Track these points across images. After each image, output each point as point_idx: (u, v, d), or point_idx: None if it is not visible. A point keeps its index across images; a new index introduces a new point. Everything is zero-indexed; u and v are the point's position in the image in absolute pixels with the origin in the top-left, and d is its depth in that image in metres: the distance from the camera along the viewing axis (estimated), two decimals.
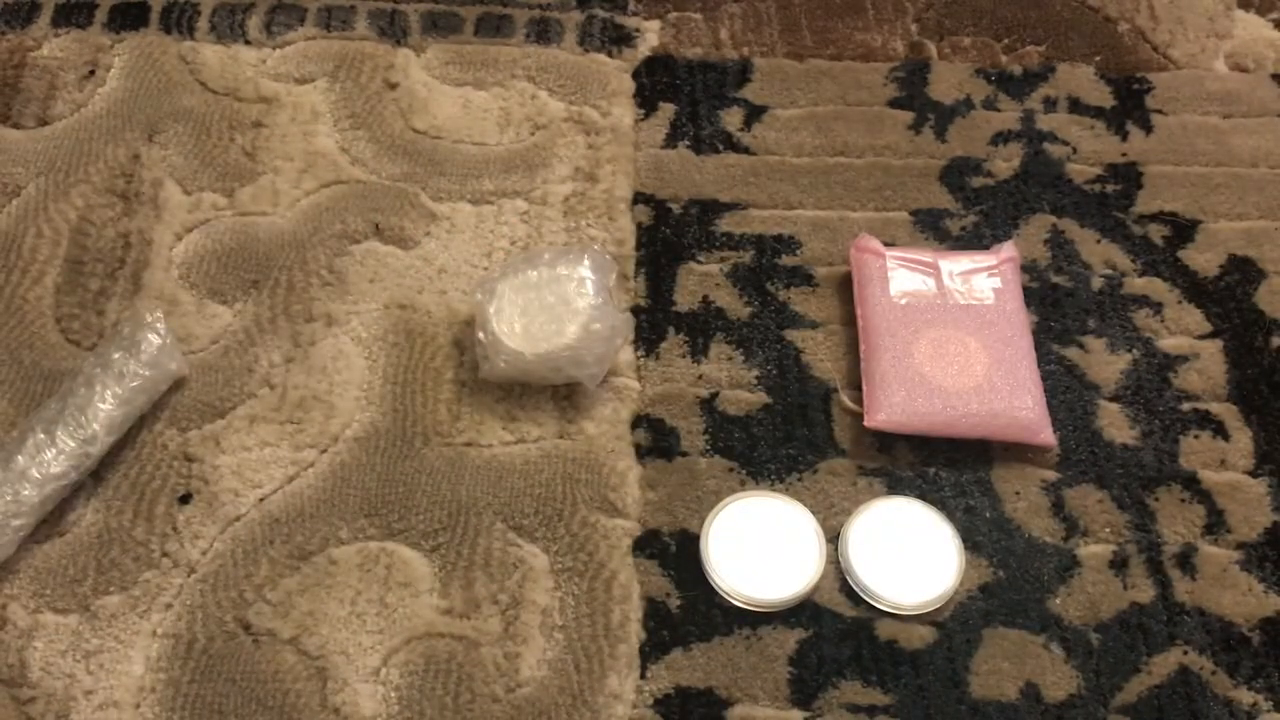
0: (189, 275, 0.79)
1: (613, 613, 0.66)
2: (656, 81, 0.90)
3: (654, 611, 0.67)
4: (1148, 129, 0.88)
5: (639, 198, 0.83)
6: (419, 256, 0.80)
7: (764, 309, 0.79)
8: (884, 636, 0.66)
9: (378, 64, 0.90)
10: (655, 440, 0.73)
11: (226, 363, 0.75)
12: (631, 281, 0.79)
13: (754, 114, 0.88)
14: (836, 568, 0.68)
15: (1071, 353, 0.77)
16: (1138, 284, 0.80)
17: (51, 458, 0.67)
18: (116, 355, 0.70)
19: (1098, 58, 0.93)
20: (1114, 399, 0.75)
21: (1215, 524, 0.70)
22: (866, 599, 0.67)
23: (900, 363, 0.73)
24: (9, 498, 0.65)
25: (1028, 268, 0.80)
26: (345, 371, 0.75)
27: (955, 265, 0.77)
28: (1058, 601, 0.68)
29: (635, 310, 0.78)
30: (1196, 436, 0.74)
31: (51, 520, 0.68)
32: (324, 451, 0.72)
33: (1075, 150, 0.87)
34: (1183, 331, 0.78)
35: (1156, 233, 0.83)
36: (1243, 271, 0.81)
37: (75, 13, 0.92)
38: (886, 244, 0.79)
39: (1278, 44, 0.94)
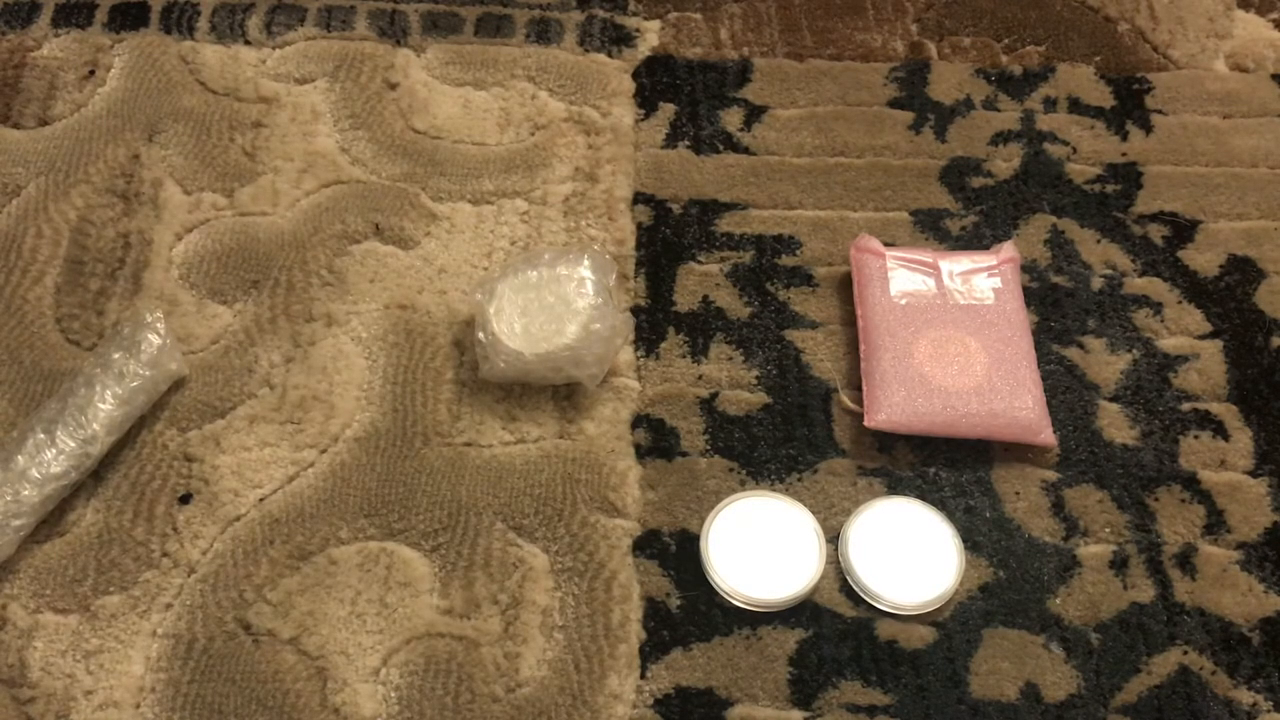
0: (189, 275, 0.79)
1: (613, 613, 0.66)
2: (656, 81, 0.90)
3: (654, 611, 0.67)
4: (1148, 129, 0.88)
5: (639, 198, 0.83)
6: (419, 256, 0.80)
7: (764, 309, 0.79)
8: (884, 636, 0.66)
9: (378, 64, 0.90)
10: (655, 440, 0.73)
11: (226, 363, 0.75)
12: (631, 281, 0.79)
13: (754, 114, 0.88)
14: (836, 568, 0.68)
15: (1071, 353, 0.77)
16: (1138, 284, 0.80)
17: (51, 458, 0.67)
18: (116, 355, 0.70)
19: (1098, 58, 0.93)
20: (1114, 399, 0.75)
21: (1215, 524, 0.70)
22: (866, 599, 0.67)
23: (900, 363, 0.73)
24: (9, 498, 0.65)
25: (1028, 268, 0.80)
26: (345, 371, 0.75)
27: (955, 265, 0.77)
28: (1058, 601, 0.68)
29: (635, 310, 0.78)
30: (1196, 436, 0.74)
31: (51, 520, 0.68)
32: (324, 451, 0.72)
33: (1075, 150, 0.87)
34: (1183, 331, 0.78)
35: (1156, 233, 0.83)
36: (1243, 271, 0.81)
37: (75, 13, 0.92)
38: (886, 244, 0.79)
39: (1278, 44, 0.94)
